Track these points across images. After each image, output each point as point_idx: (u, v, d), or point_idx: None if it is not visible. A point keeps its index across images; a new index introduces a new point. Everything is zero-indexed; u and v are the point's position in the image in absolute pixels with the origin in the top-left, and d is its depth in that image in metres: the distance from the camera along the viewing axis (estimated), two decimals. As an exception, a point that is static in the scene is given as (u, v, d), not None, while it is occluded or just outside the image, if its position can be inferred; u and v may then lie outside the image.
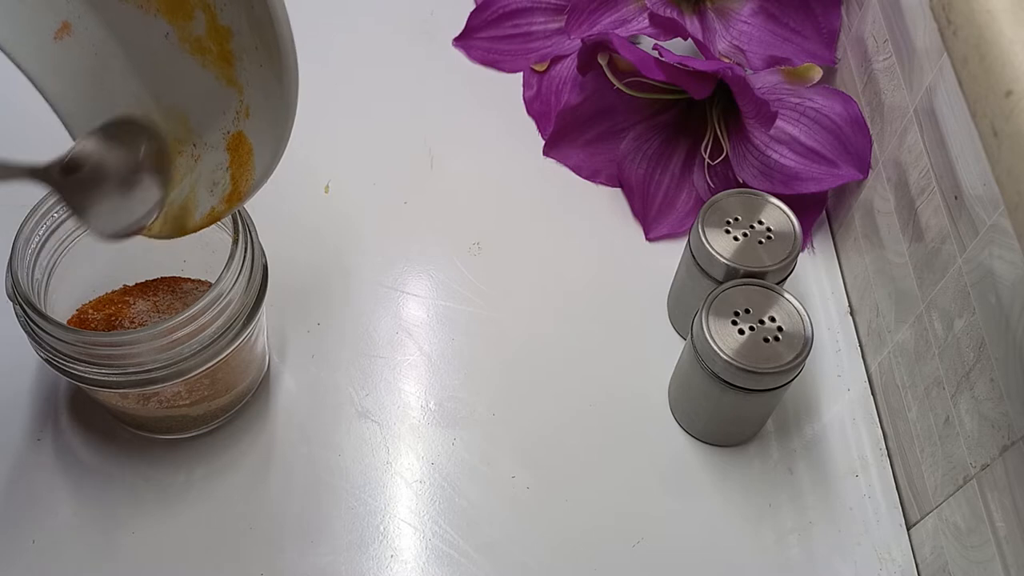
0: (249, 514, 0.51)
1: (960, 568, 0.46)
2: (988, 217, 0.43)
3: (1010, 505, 0.42)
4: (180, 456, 0.53)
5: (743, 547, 0.52)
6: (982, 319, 0.44)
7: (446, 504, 0.52)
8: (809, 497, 0.53)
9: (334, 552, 0.51)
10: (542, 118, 0.67)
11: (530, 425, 0.55)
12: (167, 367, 0.45)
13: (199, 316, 0.44)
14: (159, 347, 0.44)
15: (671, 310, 0.59)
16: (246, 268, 0.46)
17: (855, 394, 0.57)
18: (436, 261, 0.61)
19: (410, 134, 0.66)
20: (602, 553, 0.51)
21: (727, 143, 0.60)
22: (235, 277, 0.45)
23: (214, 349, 0.46)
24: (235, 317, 0.46)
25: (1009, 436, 0.42)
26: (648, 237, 0.62)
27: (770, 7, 0.63)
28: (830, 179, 0.58)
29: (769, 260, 0.51)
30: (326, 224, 0.62)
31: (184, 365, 0.45)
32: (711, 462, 0.54)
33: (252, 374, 0.53)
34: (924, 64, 0.50)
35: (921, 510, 0.51)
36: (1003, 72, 0.35)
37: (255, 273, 0.48)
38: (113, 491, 0.52)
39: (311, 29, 0.71)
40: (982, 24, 0.37)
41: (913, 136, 0.51)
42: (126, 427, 0.52)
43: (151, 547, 0.50)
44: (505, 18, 0.68)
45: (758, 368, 0.47)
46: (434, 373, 0.57)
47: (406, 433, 0.54)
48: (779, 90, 0.60)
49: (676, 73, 0.55)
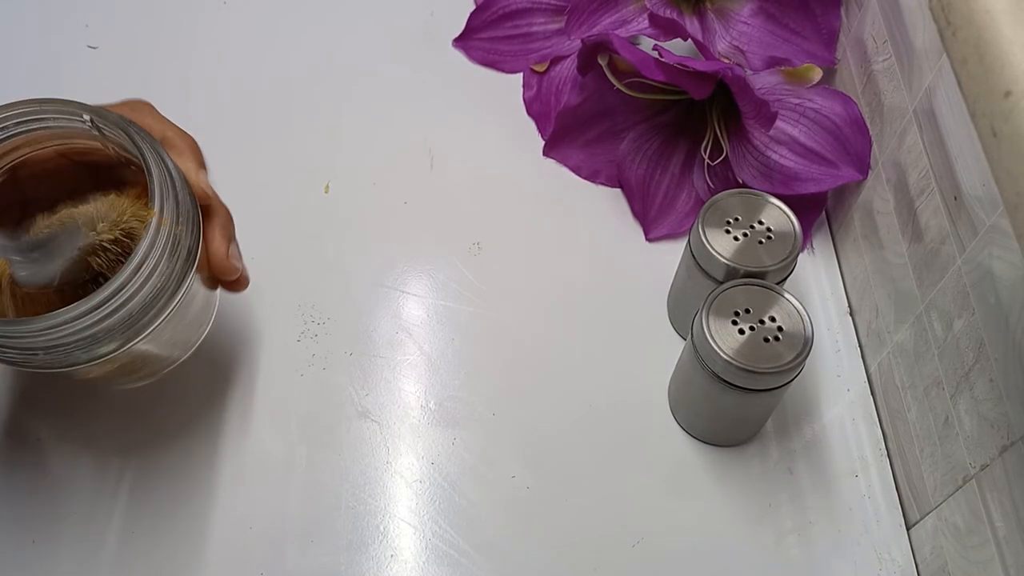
0: (249, 514, 0.51)
1: (960, 568, 0.46)
2: (987, 217, 0.43)
3: (1009, 505, 0.42)
4: (177, 454, 0.53)
5: (743, 547, 0.52)
6: (981, 319, 0.44)
7: (446, 504, 0.52)
8: (809, 497, 0.53)
9: (334, 552, 0.51)
10: (542, 118, 0.67)
11: (530, 425, 0.55)
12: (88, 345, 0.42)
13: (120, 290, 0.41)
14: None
15: (671, 310, 0.59)
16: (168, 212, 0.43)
17: (855, 394, 0.57)
18: (436, 261, 0.61)
19: (410, 134, 0.66)
20: (602, 553, 0.51)
21: (727, 143, 0.60)
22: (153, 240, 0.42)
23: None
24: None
25: (1008, 436, 0.42)
26: (648, 237, 0.62)
27: (770, 8, 0.63)
28: (830, 180, 0.58)
29: (769, 260, 0.51)
30: (326, 224, 0.62)
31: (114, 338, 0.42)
32: (711, 462, 0.54)
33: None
34: (923, 65, 0.50)
35: (921, 510, 0.51)
36: (1002, 73, 0.35)
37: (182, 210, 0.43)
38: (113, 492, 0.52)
39: (312, 29, 0.71)
40: (981, 25, 0.37)
41: (912, 137, 0.51)
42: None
43: (151, 547, 0.50)
44: (505, 19, 0.68)
45: (758, 368, 0.47)
46: (434, 373, 0.57)
47: (406, 433, 0.54)
48: (779, 91, 0.60)
49: (676, 73, 0.55)
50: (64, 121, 0.43)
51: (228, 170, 0.65)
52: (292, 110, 0.67)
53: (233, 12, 0.72)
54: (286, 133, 0.66)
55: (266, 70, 0.69)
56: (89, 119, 0.43)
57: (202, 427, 0.54)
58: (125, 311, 0.41)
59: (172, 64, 0.69)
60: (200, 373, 0.55)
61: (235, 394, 0.55)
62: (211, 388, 0.55)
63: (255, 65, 0.69)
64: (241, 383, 0.56)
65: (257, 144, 0.65)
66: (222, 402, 0.55)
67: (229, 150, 0.64)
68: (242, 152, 0.64)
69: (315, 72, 0.69)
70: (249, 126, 0.66)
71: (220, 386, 0.55)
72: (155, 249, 0.41)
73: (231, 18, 0.72)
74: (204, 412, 0.54)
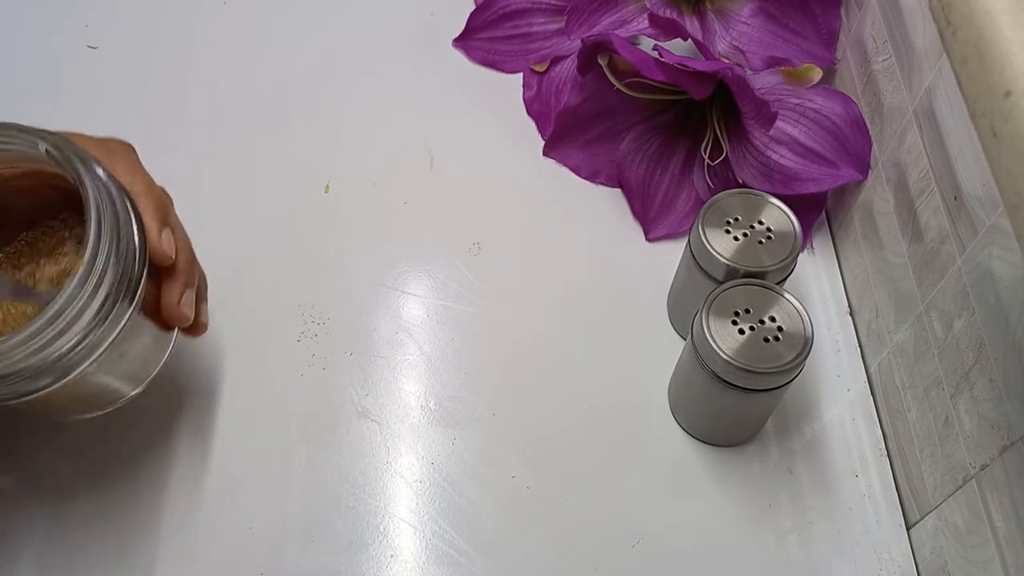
0: (249, 514, 0.51)
1: (959, 568, 0.46)
2: (987, 217, 0.43)
3: (1009, 505, 0.42)
4: (177, 454, 0.53)
5: (743, 547, 0.52)
6: (981, 319, 0.44)
7: (446, 504, 0.52)
8: (809, 497, 0.53)
9: (334, 552, 0.51)
10: (542, 118, 0.67)
11: (530, 425, 0.55)
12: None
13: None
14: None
15: (671, 310, 0.59)
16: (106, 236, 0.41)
17: (855, 394, 0.57)
18: (436, 261, 0.61)
19: (410, 134, 0.66)
20: (602, 553, 0.51)
21: (727, 143, 0.60)
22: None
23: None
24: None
25: (1008, 436, 0.42)
26: (648, 237, 0.62)
27: (770, 8, 0.63)
28: (830, 180, 0.58)
29: (769, 260, 0.51)
30: (326, 224, 0.62)
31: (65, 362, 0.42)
32: (711, 462, 0.54)
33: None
34: (923, 65, 0.50)
35: (921, 510, 0.51)
36: (1002, 73, 0.35)
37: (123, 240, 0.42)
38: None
39: (312, 29, 0.72)
40: (981, 25, 0.37)
41: (912, 137, 0.51)
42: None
43: (151, 546, 0.50)
44: (505, 19, 0.68)
45: (758, 368, 0.47)
46: (434, 373, 0.57)
47: (406, 433, 0.54)
48: (779, 91, 0.60)
49: (676, 73, 0.55)
50: (24, 147, 0.43)
51: (228, 170, 0.65)
52: (292, 110, 0.67)
53: (233, 12, 0.72)
54: (286, 133, 0.66)
55: (266, 70, 0.69)
56: (45, 148, 0.42)
57: (202, 427, 0.54)
58: (55, 347, 0.40)
59: (172, 64, 0.69)
60: (199, 374, 0.55)
61: (235, 394, 0.55)
62: (210, 388, 0.55)
63: (255, 65, 0.69)
64: (241, 383, 0.56)
65: (257, 144, 0.65)
66: (221, 402, 0.55)
67: (229, 150, 0.64)
68: (242, 152, 0.64)
69: (315, 72, 0.69)
70: (249, 126, 0.66)
71: (219, 387, 0.55)
72: (79, 298, 0.40)
73: (231, 18, 0.72)
74: (203, 412, 0.54)
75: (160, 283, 0.46)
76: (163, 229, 0.44)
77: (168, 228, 0.45)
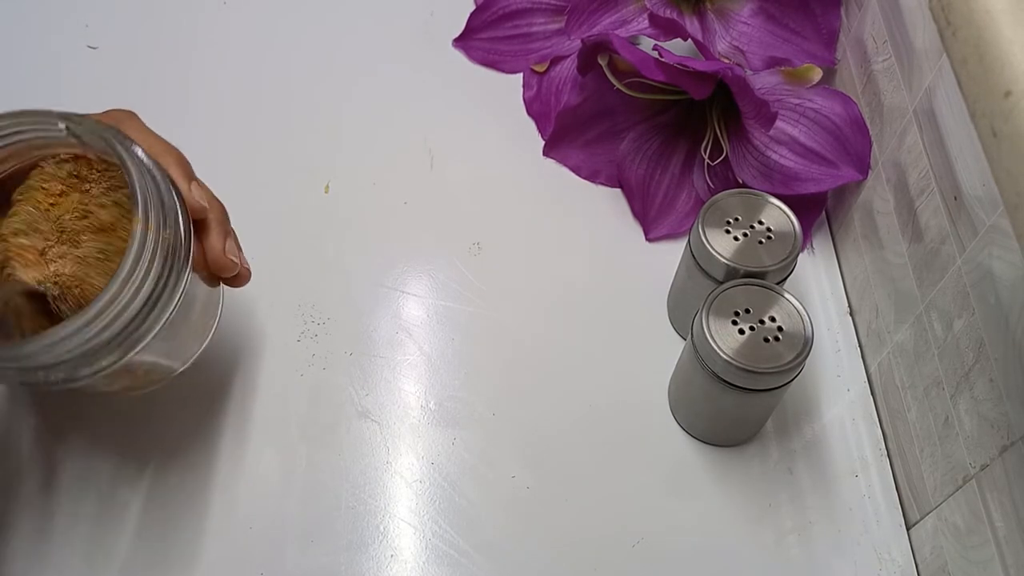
0: (249, 514, 0.51)
1: (959, 568, 0.46)
2: (987, 217, 0.43)
3: (1009, 505, 0.42)
4: (177, 455, 0.53)
5: (743, 547, 0.52)
6: (981, 319, 0.44)
7: (446, 504, 0.52)
8: (809, 497, 0.53)
9: (334, 552, 0.51)
10: (542, 118, 0.67)
11: (530, 425, 0.55)
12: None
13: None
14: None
15: (671, 310, 0.59)
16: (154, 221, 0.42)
17: (855, 394, 0.57)
18: (436, 261, 0.61)
19: (410, 134, 0.66)
20: (602, 553, 0.51)
21: (727, 143, 0.60)
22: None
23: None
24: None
25: (1008, 436, 0.42)
26: (648, 237, 0.62)
27: (770, 8, 0.63)
28: (830, 180, 0.58)
29: (769, 260, 0.51)
30: (326, 224, 0.62)
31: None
32: (711, 462, 0.54)
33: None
34: (923, 65, 0.50)
35: (921, 510, 0.51)
36: (1002, 73, 0.35)
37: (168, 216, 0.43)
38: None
39: (312, 29, 0.72)
40: (981, 25, 0.37)
41: (912, 137, 0.51)
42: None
43: (152, 546, 0.50)
44: (505, 19, 0.68)
45: (758, 368, 0.47)
46: (434, 373, 0.57)
47: (406, 433, 0.54)
48: (779, 91, 0.60)
49: (676, 73, 0.55)
50: (42, 131, 0.43)
51: (228, 170, 0.65)
52: (292, 110, 0.67)
53: (233, 12, 0.72)
54: (286, 133, 0.66)
55: (266, 70, 0.69)
56: (65, 127, 0.42)
57: (202, 427, 0.54)
58: (119, 323, 0.40)
59: (172, 64, 0.69)
60: (199, 374, 0.55)
61: (235, 394, 0.55)
62: (210, 389, 0.55)
63: (255, 65, 0.69)
64: (241, 383, 0.56)
65: (257, 144, 0.65)
66: (222, 403, 0.55)
67: (229, 150, 0.64)
68: (242, 152, 0.64)
69: (315, 72, 0.69)
70: (249, 126, 0.66)
71: (220, 387, 0.55)
72: (144, 257, 0.41)
73: (231, 18, 0.72)
74: (204, 413, 0.54)
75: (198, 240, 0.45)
76: (190, 183, 0.45)
77: (196, 182, 0.45)
